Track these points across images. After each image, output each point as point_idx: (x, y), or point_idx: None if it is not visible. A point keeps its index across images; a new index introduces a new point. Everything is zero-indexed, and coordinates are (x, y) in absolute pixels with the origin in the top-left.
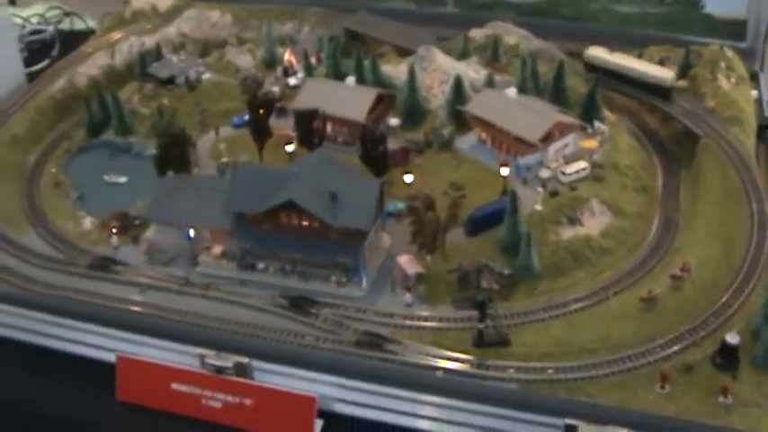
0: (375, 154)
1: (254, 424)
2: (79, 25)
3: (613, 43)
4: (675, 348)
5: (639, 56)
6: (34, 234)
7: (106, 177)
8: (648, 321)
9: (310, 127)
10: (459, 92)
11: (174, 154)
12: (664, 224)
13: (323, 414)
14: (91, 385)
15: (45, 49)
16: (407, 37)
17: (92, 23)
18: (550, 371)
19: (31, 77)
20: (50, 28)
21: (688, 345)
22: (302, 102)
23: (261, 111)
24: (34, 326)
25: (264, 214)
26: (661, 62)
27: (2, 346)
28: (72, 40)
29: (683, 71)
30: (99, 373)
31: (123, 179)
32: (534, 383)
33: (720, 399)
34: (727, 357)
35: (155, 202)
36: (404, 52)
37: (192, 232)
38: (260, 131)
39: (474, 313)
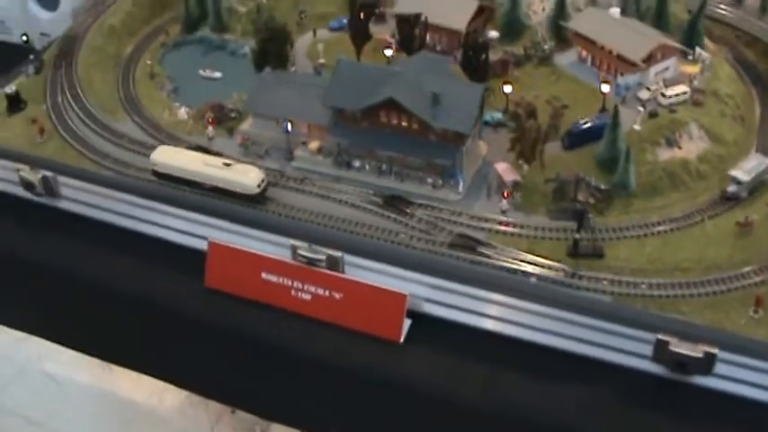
0: (476, 62)
1: (342, 318)
2: None
3: None
4: None
5: None
6: (130, 122)
7: (201, 72)
8: (743, 247)
9: (412, 32)
10: (561, 9)
11: (273, 50)
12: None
13: (411, 314)
14: (181, 271)
15: None
16: None
17: None
18: (644, 286)
19: None
20: None
21: None
22: (404, 7)
23: (362, 14)
24: (128, 209)
25: (364, 111)
26: None
27: (97, 229)
28: None
29: None
30: (190, 260)
31: (218, 74)
32: (627, 297)
33: None
34: None
35: (253, 95)
36: None
37: (289, 126)
38: (360, 34)
39: (568, 225)
